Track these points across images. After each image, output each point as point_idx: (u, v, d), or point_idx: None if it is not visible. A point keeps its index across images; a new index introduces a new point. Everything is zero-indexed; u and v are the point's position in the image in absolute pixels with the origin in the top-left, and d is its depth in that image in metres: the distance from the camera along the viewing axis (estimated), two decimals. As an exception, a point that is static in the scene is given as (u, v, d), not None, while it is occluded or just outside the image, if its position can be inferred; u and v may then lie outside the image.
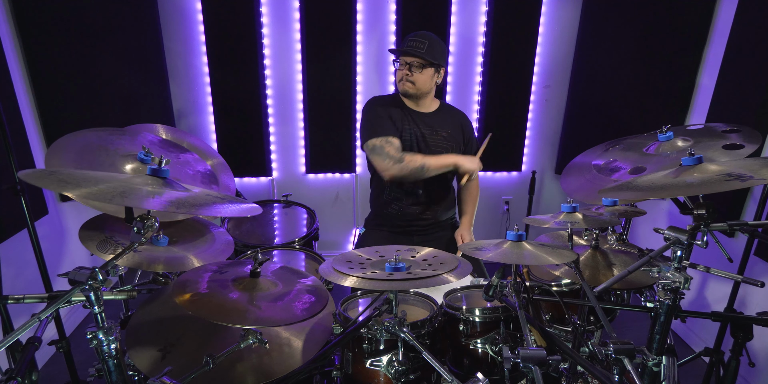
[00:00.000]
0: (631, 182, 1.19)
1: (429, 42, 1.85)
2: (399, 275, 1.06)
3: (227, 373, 1.19)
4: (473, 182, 2.16)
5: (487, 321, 1.28)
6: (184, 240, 1.44)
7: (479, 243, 1.22)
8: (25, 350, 1.00)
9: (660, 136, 1.50)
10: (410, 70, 1.87)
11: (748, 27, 2.12)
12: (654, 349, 1.13)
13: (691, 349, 2.41)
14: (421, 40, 1.85)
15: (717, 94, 2.29)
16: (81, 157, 1.31)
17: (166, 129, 1.77)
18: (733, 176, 1.00)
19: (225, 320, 1.03)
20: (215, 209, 1.02)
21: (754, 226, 1.31)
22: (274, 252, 1.93)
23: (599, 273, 1.43)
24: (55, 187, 0.87)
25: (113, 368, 0.98)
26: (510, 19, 2.77)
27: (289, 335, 1.32)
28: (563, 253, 1.16)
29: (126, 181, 0.98)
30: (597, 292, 1.02)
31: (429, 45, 1.84)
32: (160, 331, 1.27)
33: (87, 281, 0.89)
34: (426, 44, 1.84)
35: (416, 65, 1.86)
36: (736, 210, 2.15)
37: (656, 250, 1.05)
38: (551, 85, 2.98)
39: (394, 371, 1.14)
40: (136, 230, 1.01)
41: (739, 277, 1.04)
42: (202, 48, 2.70)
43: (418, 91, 1.92)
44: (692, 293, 2.46)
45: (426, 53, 1.84)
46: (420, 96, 1.95)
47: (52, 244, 2.34)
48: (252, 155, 2.95)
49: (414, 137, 1.95)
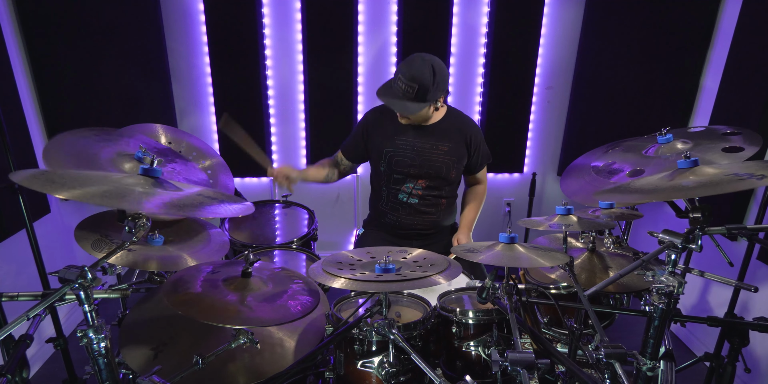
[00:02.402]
0: (627, 185, 1.18)
1: (419, 85, 1.68)
2: (388, 277, 1.06)
3: (219, 373, 1.19)
4: (482, 186, 2.13)
5: (481, 323, 1.27)
6: (179, 239, 1.44)
7: (472, 245, 1.21)
8: (15, 348, 1.00)
9: (659, 138, 1.48)
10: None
11: (752, 28, 2.09)
12: (648, 353, 1.11)
13: (692, 354, 2.38)
14: (410, 85, 1.69)
15: (720, 96, 2.27)
16: (79, 156, 1.32)
17: (165, 129, 1.78)
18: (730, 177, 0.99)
19: (215, 320, 1.03)
20: (207, 210, 1.02)
21: (753, 230, 1.30)
22: (275, 252, 1.93)
23: (596, 276, 1.42)
24: (44, 188, 0.87)
25: (103, 366, 0.98)
26: (512, 20, 2.75)
27: (282, 335, 1.32)
28: (556, 255, 1.15)
29: (117, 182, 0.98)
30: (587, 295, 1.01)
31: (419, 89, 1.69)
32: (153, 330, 1.28)
33: (77, 280, 0.90)
34: (415, 89, 1.69)
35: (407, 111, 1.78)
36: (739, 213, 2.13)
37: (650, 253, 1.04)
38: (553, 86, 2.96)
39: (385, 373, 1.14)
40: (127, 230, 1.01)
41: (732, 281, 1.03)
42: (204, 48, 2.71)
43: (417, 122, 1.88)
44: (695, 298, 2.43)
45: (416, 99, 1.71)
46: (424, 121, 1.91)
47: (53, 243, 2.36)
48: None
49: (409, 150, 1.91)
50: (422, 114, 1.81)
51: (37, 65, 2.35)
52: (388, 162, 1.95)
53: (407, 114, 1.78)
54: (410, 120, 1.86)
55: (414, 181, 1.95)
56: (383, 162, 1.96)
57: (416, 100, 1.73)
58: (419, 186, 1.96)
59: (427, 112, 1.83)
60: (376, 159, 1.99)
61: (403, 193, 1.98)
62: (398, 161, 1.93)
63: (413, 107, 1.73)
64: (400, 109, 1.77)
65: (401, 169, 1.94)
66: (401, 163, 1.93)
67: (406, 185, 1.97)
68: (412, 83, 1.69)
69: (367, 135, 1.99)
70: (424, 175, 1.94)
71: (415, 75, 1.69)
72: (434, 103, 1.80)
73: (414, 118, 1.84)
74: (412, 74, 1.69)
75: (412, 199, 1.97)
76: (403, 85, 1.71)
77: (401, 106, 1.75)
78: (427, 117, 1.87)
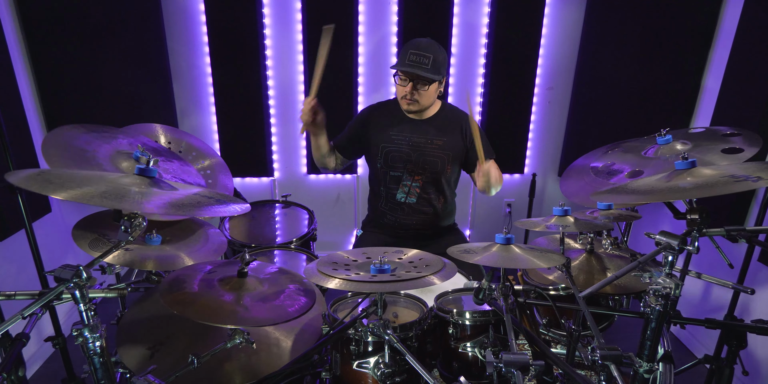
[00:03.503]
0: (624, 186, 1.18)
1: (433, 56, 1.72)
2: (383, 277, 1.06)
3: (215, 372, 1.19)
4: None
5: (477, 324, 1.27)
6: (177, 239, 1.45)
7: (467, 246, 1.21)
8: (12, 346, 1.01)
9: (659, 139, 1.48)
10: (414, 88, 1.78)
11: (754, 29, 2.08)
12: (645, 355, 1.11)
13: (693, 356, 2.37)
14: (425, 55, 1.72)
15: (722, 97, 2.25)
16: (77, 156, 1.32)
17: (164, 129, 1.79)
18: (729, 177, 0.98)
19: (210, 320, 1.04)
20: (203, 211, 1.02)
21: (752, 232, 1.29)
22: (276, 252, 1.93)
23: (594, 278, 1.41)
24: (40, 188, 0.87)
25: (99, 366, 0.99)
26: (513, 20, 2.75)
27: (278, 335, 1.32)
28: (553, 256, 1.15)
29: (113, 182, 0.98)
30: (583, 297, 1.00)
31: (434, 59, 1.72)
32: (150, 330, 1.28)
33: (71, 279, 0.90)
34: (431, 59, 1.72)
35: (422, 83, 1.77)
36: (741, 215, 2.11)
37: (646, 255, 1.04)
38: (554, 86, 2.95)
39: (381, 373, 1.14)
40: (123, 229, 1.02)
41: (728, 283, 1.02)
42: (205, 48, 2.72)
43: (422, 108, 1.87)
44: (696, 299, 2.42)
45: (431, 70, 1.73)
46: (423, 111, 1.91)
47: (55, 242, 2.37)
48: (253, 155, 2.97)
49: (405, 144, 1.92)
50: (431, 92, 1.82)
51: (38, 65, 2.36)
52: (384, 157, 1.95)
53: (428, 77, 1.73)
54: (417, 104, 1.83)
55: (411, 178, 1.96)
56: (380, 158, 1.96)
57: (431, 72, 1.73)
58: (416, 183, 1.96)
59: (435, 93, 1.84)
60: (373, 155, 1.99)
61: (401, 193, 1.98)
62: (394, 156, 1.94)
63: (431, 75, 1.74)
64: (422, 72, 1.72)
65: (397, 165, 1.94)
66: (397, 159, 1.93)
67: (403, 183, 1.97)
68: (426, 53, 1.72)
69: (364, 131, 1.99)
70: (420, 171, 1.94)
71: (427, 47, 1.74)
72: (441, 85, 1.84)
73: (422, 100, 1.82)
74: (425, 47, 1.74)
75: (410, 199, 1.98)
76: (416, 57, 1.73)
77: (423, 70, 1.72)
78: (433, 100, 1.87)
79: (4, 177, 0.92)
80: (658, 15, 2.48)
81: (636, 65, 2.59)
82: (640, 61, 2.57)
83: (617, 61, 2.64)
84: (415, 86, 1.78)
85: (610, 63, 2.67)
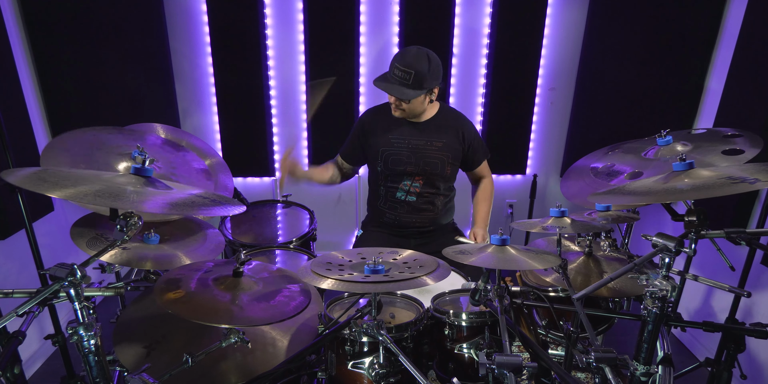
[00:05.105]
0: (621, 187, 1.17)
1: (416, 71, 1.71)
2: (376, 277, 1.05)
3: (210, 372, 1.20)
4: (486, 180, 2.13)
5: (473, 325, 1.26)
6: (175, 238, 1.45)
7: (463, 247, 1.20)
8: (8, 344, 1.01)
9: (659, 140, 1.47)
10: (399, 100, 1.80)
11: (758, 30, 2.06)
12: (642, 358, 1.10)
13: (695, 359, 2.35)
14: (407, 71, 1.72)
15: (725, 98, 2.23)
16: (78, 155, 1.33)
17: (165, 128, 1.80)
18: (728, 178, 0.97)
19: (204, 319, 1.04)
20: (198, 211, 1.03)
21: (752, 234, 1.27)
22: (276, 252, 1.94)
23: (591, 280, 1.41)
24: (36, 187, 0.88)
25: (93, 364, 0.99)
26: (514, 21, 2.74)
27: (274, 335, 1.32)
28: (549, 258, 1.14)
29: (108, 181, 0.99)
30: (577, 298, 1.00)
31: (415, 75, 1.71)
32: (147, 329, 1.29)
33: (66, 277, 0.91)
34: (412, 75, 1.71)
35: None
36: (743, 217, 2.09)
37: (642, 256, 1.03)
38: (557, 87, 2.94)
39: (375, 374, 1.14)
40: (119, 228, 1.02)
41: (725, 286, 1.01)
42: (207, 48, 2.73)
43: (410, 116, 1.90)
44: (698, 302, 2.39)
45: (412, 85, 1.73)
46: (417, 116, 1.92)
47: (56, 241, 2.39)
48: (255, 155, 2.97)
49: (404, 148, 1.93)
50: (417, 103, 1.82)
51: (41, 65, 2.38)
52: (384, 161, 1.96)
53: (405, 98, 1.77)
54: (405, 113, 1.86)
55: (411, 179, 1.96)
56: (380, 162, 1.96)
57: (413, 87, 1.74)
58: (416, 183, 1.96)
59: (422, 103, 1.84)
60: (373, 159, 2.00)
61: (401, 191, 1.98)
62: (394, 160, 1.94)
63: (410, 93, 1.74)
64: (397, 94, 1.76)
65: (398, 168, 1.95)
66: (397, 162, 1.94)
67: (403, 183, 1.97)
68: (408, 69, 1.72)
69: (363, 136, 2.00)
70: (421, 173, 1.94)
71: (411, 62, 1.72)
72: (429, 94, 1.82)
73: (409, 110, 1.84)
74: (408, 62, 1.73)
75: (410, 197, 1.98)
76: (399, 73, 1.74)
77: (398, 91, 1.75)
78: (422, 109, 1.87)
79: (1, 175, 0.92)
80: (661, 16, 2.46)
81: (639, 66, 2.57)
82: (642, 62, 2.55)
83: (620, 62, 2.63)
84: (399, 98, 1.80)
85: (613, 64, 2.65)
